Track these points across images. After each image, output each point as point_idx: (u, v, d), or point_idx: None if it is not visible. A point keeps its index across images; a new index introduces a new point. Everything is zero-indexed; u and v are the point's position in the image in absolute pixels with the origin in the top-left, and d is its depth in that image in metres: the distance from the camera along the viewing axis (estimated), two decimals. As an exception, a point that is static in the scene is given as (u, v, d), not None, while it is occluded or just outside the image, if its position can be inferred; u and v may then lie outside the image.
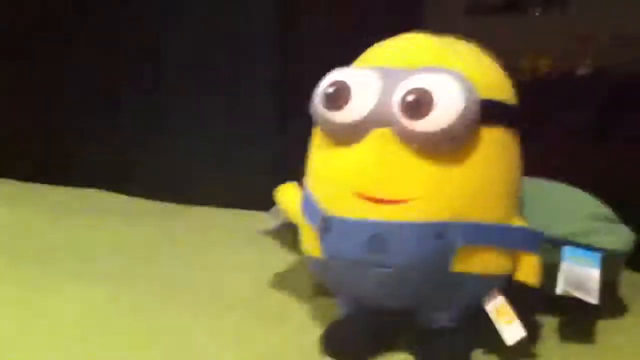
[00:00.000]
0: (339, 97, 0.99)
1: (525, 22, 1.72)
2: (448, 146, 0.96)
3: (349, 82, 1.00)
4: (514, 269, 1.01)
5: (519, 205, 1.04)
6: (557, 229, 1.08)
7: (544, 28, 1.71)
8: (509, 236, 1.00)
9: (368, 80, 1.00)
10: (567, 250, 1.07)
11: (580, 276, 1.05)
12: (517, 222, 1.02)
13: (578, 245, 1.08)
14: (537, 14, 1.73)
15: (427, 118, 0.94)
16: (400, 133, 0.96)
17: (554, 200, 1.13)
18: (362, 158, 0.99)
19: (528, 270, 1.01)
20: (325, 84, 1.02)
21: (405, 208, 0.96)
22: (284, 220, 1.18)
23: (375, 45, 1.09)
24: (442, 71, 0.97)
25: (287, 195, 1.15)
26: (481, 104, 0.96)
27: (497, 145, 1.00)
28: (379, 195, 0.97)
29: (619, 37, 1.61)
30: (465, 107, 0.94)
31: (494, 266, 0.99)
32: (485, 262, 0.98)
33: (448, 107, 0.94)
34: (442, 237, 0.95)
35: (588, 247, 1.08)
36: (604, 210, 1.14)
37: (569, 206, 1.13)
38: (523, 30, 1.69)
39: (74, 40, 2.10)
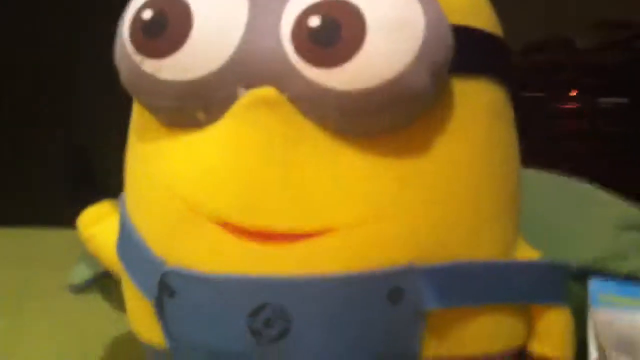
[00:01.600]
0: (164, 26, 0.49)
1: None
2: (396, 118, 0.48)
3: None
4: (528, 337, 0.55)
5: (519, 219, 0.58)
6: (575, 253, 0.62)
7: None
8: (517, 281, 0.52)
9: None
10: (596, 287, 0.62)
11: (626, 329, 0.59)
12: (526, 253, 0.55)
13: (611, 275, 0.62)
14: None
15: (352, 61, 0.46)
16: (299, 96, 0.48)
17: (561, 204, 0.67)
18: (224, 152, 0.49)
19: (554, 337, 0.55)
20: (138, 2, 0.51)
21: (321, 248, 0.48)
22: (99, 269, 0.68)
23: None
24: None
25: (98, 227, 0.64)
26: (456, 33, 0.49)
27: (484, 112, 0.53)
28: (265, 224, 0.48)
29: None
30: (429, 36, 0.47)
31: (495, 339, 0.52)
32: (478, 334, 0.51)
33: (394, 35, 0.46)
34: (399, 299, 0.48)
35: (628, 278, 0.63)
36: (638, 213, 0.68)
37: (587, 212, 0.66)
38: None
39: None
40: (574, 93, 2.13)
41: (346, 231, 0.47)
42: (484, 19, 0.54)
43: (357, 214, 0.48)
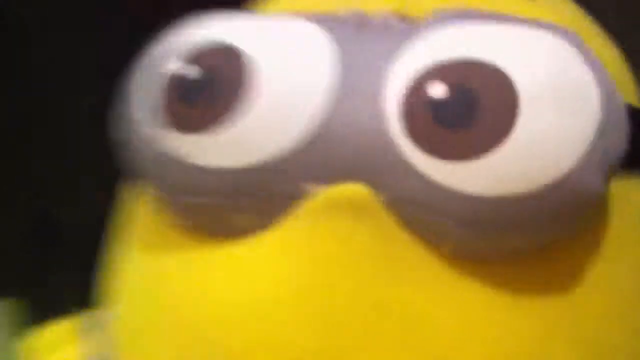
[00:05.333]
0: (217, 92, 0.31)
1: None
2: (546, 235, 0.32)
3: (249, 51, 0.32)
4: None
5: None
6: None
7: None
8: None
9: (305, 46, 0.32)
10: None
11: None
12: None
13: None
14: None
15: (496, 153, 0.30)
16: (406, 200, 0.31)
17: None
18: (280, 279, 0.31)
19: None
20: (176, 55, 0.32)
21: None
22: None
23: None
24: (528, 24, 0.32)
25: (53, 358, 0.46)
26: (632, 117, 0.33)
27: None
28: None
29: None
30: (605, 115, 0.31)
31: None
32: None
33: (561, 113, 0.30)
34: None
35: None
36: None
37: None
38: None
39: None
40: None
41: None
42: (635, 94, 0.40)
43: None
